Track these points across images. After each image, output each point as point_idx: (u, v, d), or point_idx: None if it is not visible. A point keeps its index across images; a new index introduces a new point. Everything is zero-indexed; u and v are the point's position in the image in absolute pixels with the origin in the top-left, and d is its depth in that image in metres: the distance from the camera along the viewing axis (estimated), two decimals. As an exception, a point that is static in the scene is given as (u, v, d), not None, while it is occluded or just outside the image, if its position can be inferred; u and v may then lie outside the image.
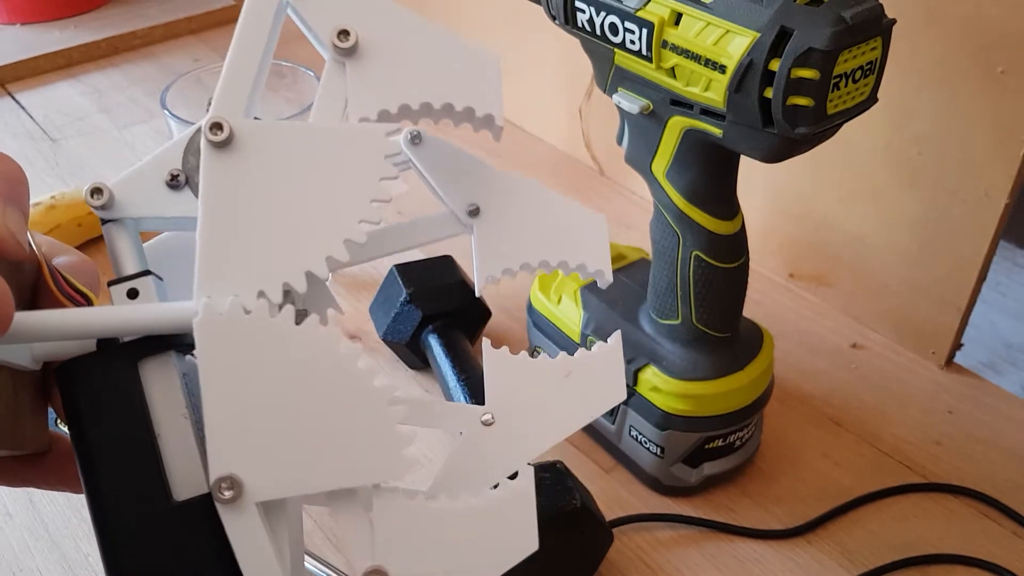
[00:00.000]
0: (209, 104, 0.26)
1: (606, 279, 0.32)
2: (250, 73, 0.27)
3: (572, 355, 0.30)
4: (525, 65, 0.83)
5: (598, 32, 0.43)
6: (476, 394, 0.53)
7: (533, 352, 0.57)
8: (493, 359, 0.27)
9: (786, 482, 0.54)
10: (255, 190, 0.25)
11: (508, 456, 0.26)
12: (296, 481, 0.23)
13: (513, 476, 0.26)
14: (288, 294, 0.24)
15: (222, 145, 0.25)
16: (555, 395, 0.27)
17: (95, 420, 0.25)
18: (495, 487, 0.26)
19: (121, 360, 0.25)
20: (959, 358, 0.62)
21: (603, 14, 0.42)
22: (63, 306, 0.26)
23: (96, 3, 1.04)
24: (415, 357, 0.59)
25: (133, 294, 0.26)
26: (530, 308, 0.57)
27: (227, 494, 0.23)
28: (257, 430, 0.23)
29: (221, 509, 0.23)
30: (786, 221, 0.66)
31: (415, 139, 0.31)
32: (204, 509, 0.23)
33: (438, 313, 0.58)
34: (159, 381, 0.25)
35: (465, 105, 0.28)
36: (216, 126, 0.25)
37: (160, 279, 0.27)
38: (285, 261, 0.24)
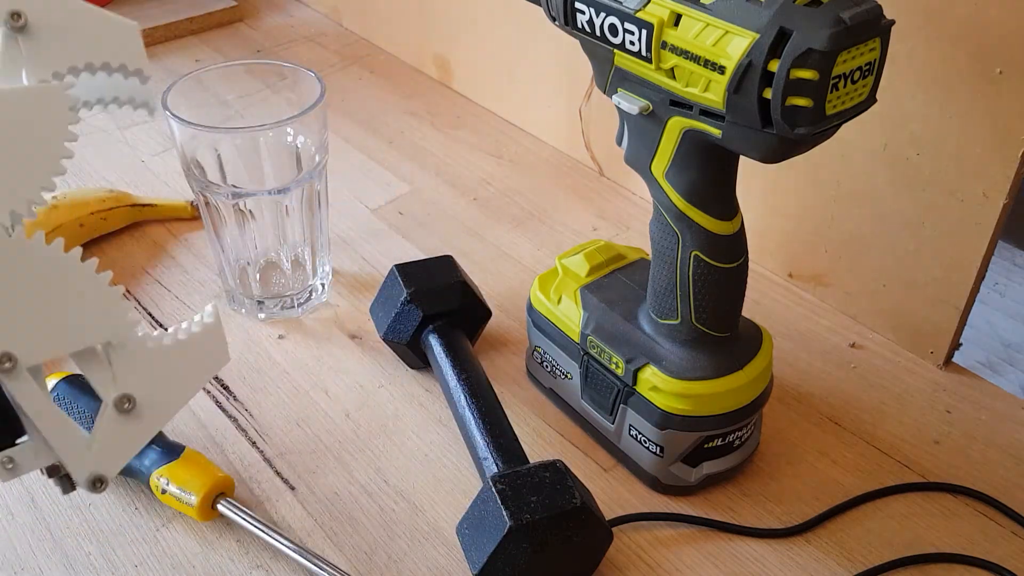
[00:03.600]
0: None
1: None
2: None
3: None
4: (525, 65, 0.83)
5: (598, 33, 0.43)
6: (476, 394, 0.53)
7: (533, 352, 0.58)
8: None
9: (785, 481, 0.54)
10: None
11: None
12: (53, 347, 0.32)
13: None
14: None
15: None
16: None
17: None
18: (190, 326, 0.35)
19: None
20: (958, 358, 0.62)
21: (603, 15, 0.43)
22: None
23: (97, 4, 1.04)
24: (415, 357, 0.59)
25: None
26: (530, 308, 0.57)
27: (7, 364, 0.31)
28: (17, 316, 0.31)
29: (4, 380, 0.31)
30: (785, 221, 0.66)
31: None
32: None
33: (438, 313, 0.58)
34: None
35: (119, 63, 0.36)
36: None
37: None
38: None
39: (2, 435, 0.33)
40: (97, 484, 0.34)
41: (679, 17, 0.40)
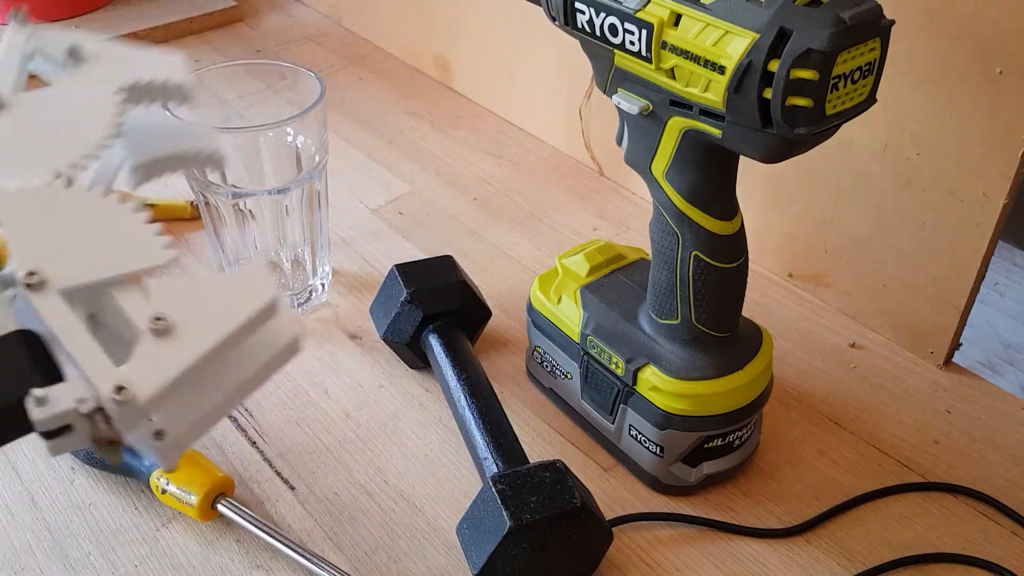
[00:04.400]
0: None
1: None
2: (11, 67, 0.39)
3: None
4: (525, 65, 0.83)
5: (598, 33, 0.43)
6: (476, 394, 0.53)
7: (533, 352, 0.58)
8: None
9: (785, 481, 0.54)
10: (26, 129, 0.36)
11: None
12: (86, 272, 0.32)
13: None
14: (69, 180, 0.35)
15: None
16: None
17: None
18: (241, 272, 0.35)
19: None
20: (957, 358, 0.62)
21: (603, 15, 0.43)
22: None
23: (97, 4, 1.05)
24: (415, 357, 0.59)
25: None
26: (530, 308, 0.57)
27: (34, 279, 0.31)
28: (51, 242, 0.33)
29: (31, 297, 0.31)
30: (785, 221, 0.66)
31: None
32: (13, 340, 0.31)
33: (438, 313, 0.58)
34: None
35: (163, 81, 0.39)
36: None
37: None
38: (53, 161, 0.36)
39: (41, 376, 0.32)
40: (132, 418, 0.31)
41: (679, 17, 0.40)
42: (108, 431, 0.32)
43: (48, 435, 0.31)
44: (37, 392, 0.30)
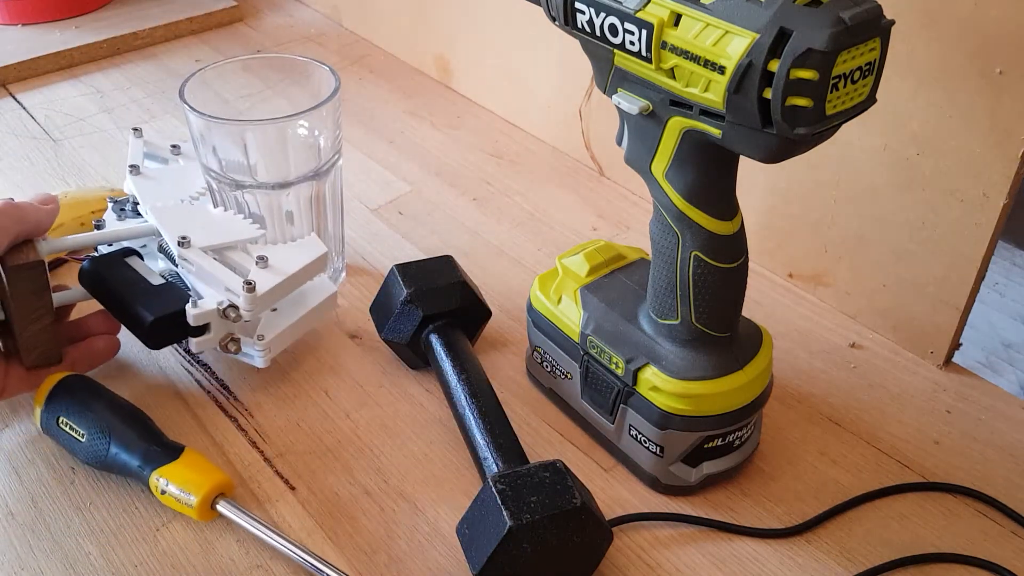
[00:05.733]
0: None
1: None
2: (136, 156, 0.65)
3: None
4: (525, 65, 0.83)
5: (598, 33, 0.43)
6: (476, 394, 0.53)
7: (533, 352, 0.58)
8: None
9: (785, 481, 0.54)
10: (159, 183, 0.63)
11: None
12: (215, 239, 0.56)
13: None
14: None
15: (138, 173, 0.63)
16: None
17: (111, 276, 0.56)
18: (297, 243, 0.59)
19: (109, 256, 0.58)
20: (957, 358, 0.62)
21: (603, 15, 0.43)
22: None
23: (97, 4, 1.05)
24: (415, 357, 0.59)
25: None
26: (530, 308, 0.57)
27: (184, 241, 0.55)
28: (190, 226, 0.57)
29: (184, 253, 0.55)
30: (785, 221, 0.66)
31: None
32: (166, 285, 0.56)
33: (438, 313, 0.58)
34: (134, 262, 0.57)
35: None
36: (134, 167, 0.63)
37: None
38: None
39: (180, 334, 0.55)
40: (254, 303, 0.54)
41: (679, 17, 0.40)
42: (234, 326, 0.55)
43: (196, 332, 0.54)
44: (191, 302, 0.54)
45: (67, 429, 0.52)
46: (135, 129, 0.67)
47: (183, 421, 0.57)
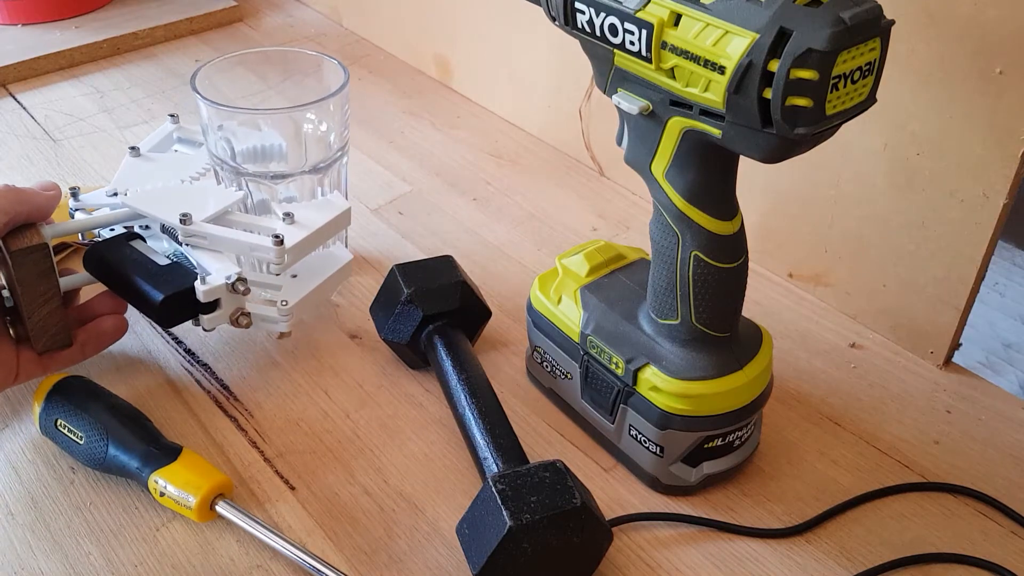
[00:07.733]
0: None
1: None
2: (156, 139, 0.69)
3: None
4: (525, 65, 0.83)
5: (598, 33, 0.43)
6: (476, 394, 0.53)
7: (533, 352, 0.58)
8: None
9: (785, 481, 0.54)
10: (151, 166, 0.65)
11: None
12: (207, 211, 0.57)
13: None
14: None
15: (138, 155, 0.66)
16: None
17: (117, 259, 0.56)
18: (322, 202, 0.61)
19: (113, 240, 0.58)
20: (957, 358, 0.62)
21: (603, 15, 0.43)
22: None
23: (97, 4, 1.05)
24: (415, 357, 0.59)
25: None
26: (530, 308, 0.57)
27: (186, 219, 0.56)
28: (192, 203, 0.58)
29: (186, 231, 0.56)
30: (785, 221, 0.66)
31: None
32: (173, 264, 0.56)
33: (438, 313, 0.58)
34: (138, 244, 0.57)
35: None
36: (133, 148, 0.66)
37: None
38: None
39: (191, 312, 0.55)
40: (281, 256, 0.56)
41: (679, 17, 0.40)
42: (243, 299, 0.56)
43: (206, 309, 0.55)
44: (200, 279, 0.54)
45: (65, 431, 0.52)
46: (171, 115, 0.69)
47: (183, 421, 0.57)
